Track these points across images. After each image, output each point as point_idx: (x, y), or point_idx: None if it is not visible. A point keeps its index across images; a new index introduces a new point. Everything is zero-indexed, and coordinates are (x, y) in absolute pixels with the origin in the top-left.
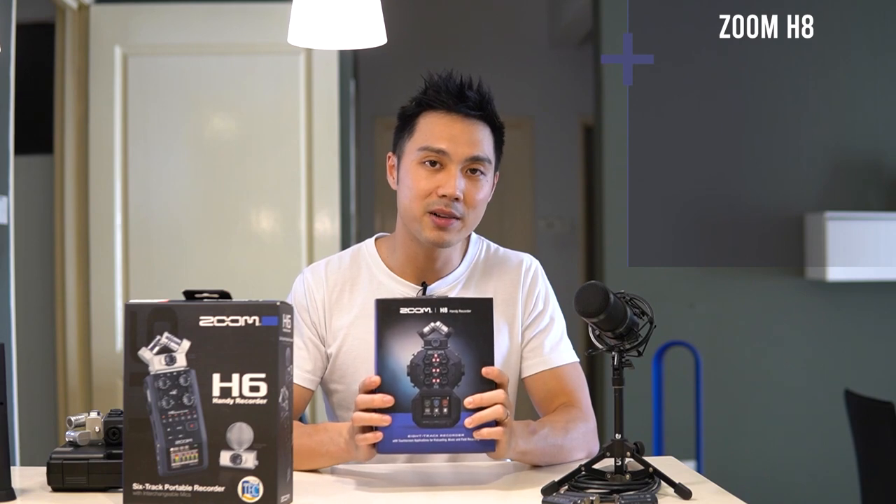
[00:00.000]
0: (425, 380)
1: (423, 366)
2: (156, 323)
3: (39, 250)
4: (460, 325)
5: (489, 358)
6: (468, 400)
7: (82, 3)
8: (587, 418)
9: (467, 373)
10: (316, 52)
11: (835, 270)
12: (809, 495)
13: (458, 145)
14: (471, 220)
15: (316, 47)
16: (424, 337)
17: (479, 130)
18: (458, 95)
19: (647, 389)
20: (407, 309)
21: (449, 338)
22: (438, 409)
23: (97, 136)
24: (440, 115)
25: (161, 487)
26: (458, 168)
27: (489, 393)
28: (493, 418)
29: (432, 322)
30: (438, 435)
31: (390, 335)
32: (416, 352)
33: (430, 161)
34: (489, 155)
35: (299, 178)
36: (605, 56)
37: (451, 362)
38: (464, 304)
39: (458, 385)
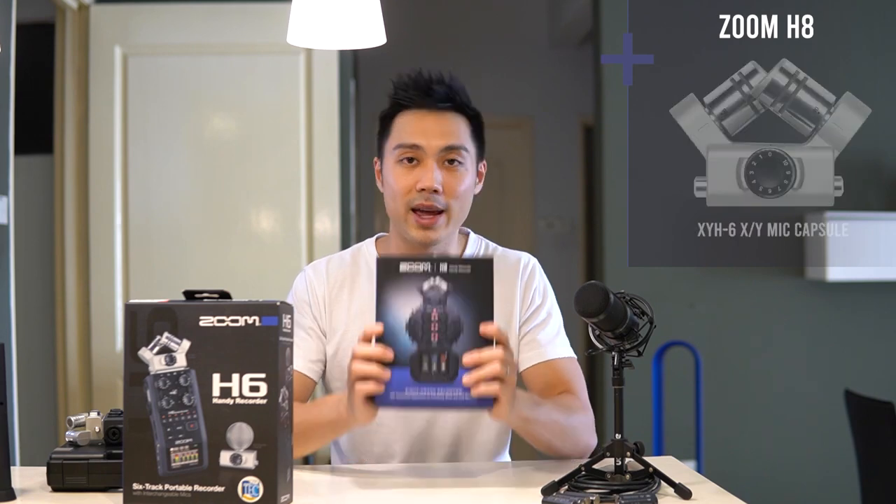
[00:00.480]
0: (424, 336)
1: (422, 322)
2: (156, 323)
3: (39, 250)
4: (460, 283)
5: (488, 316)
6: (466, 357)
7: (82, 3)
8: (587, 410)
9: (466, 330)
10: (316, 52)
11: (835, 270)
12: (809, 495)
13: (430, 138)
14: (456, 212)
15: (316, 47)
16: (424, 293)
17: (451, 121)
18: (426, 91)
19: (647, 389)
20: (407, 266)
21: (448, 295)
22: (437, 365)
23: (97, 136)
24: (412, 112)
25: (161, 487)
26: (434, 161)
27: (487, 350)
28: (490, 376)
29: (432, 279)
30: (436, 390)
31: (390, 292)
32: (416, 308)
33: (407, 158)
34: (465, 143)
35: (299, 178)
36: (605, 56)
37: (449, 319)
38: (464, 263)
39: (457, 342)
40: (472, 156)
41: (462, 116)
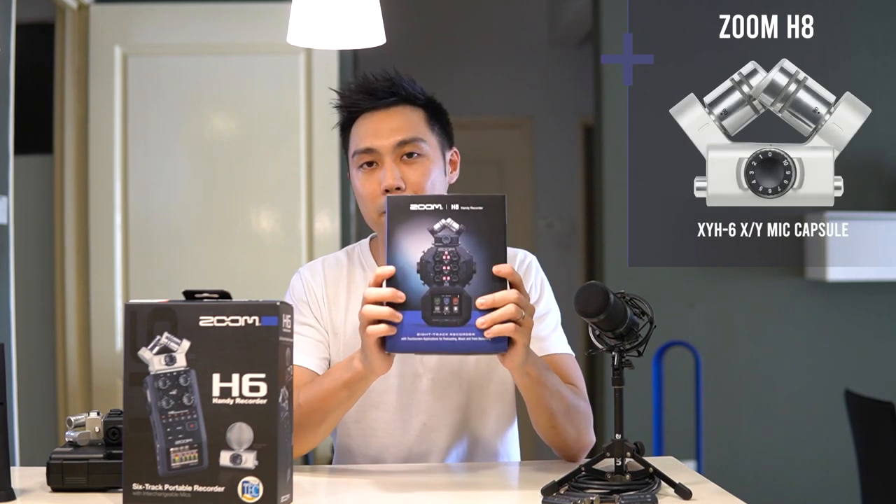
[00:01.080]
0: (435, 277)
1: (434, 263)
2: (156, 323)
3: (39, 250)
4: (472, 222)
5: (501, 256)
6: (480, 300)
7: (82, 3)
8: (588, 404)
9: (479, 271)
10: (316, 52)
11: (835, 270)
12: (809, 495)
13: (382, 137)
14: None
15: (316, 47)
16: (435, 234)
17: (399, 115)
18: (368, 92)
19: (647, 389)
20: (418, 205)
21: (460, 235)
22: (448, 308)
23: (97, 136)
24: (363, 117)
25: (161, 487)
26: (390, 159)
27: (502, 293)
28: (505, 318)
29: (443, 219)
30: (448, 334)
31: (400, 232)
32: (427, 249)
33: (366, 162)
34: (419, 135)
35: (299, 178)
36: (605, 56)
37: (461, 260)
38: (476, 201)
39: (470, 283)
40: (434, 145)
41: (413, 107)
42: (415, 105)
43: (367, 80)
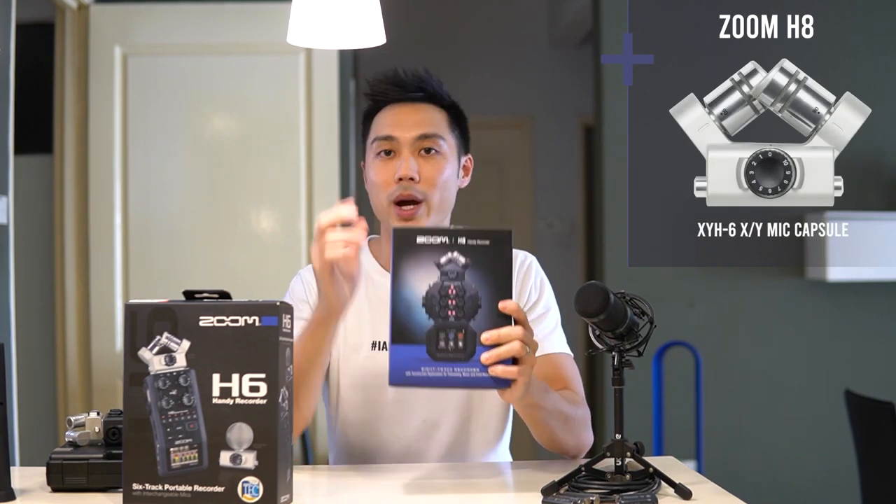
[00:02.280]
0: (441, 311)
1: (439, 297)
2: (156, 323)
3: (39, 250)
4: (478, 256)
5: (507, 291)
6: (485, 335)
7: (82, 3)
8: (585, 407)
9: (484, 306)
10: (316, 52)
11: (835, 270)
12: (809, 495)
13: (403, 129)
14: (436, 202)
15: (316, 47)
16: (441, 268)
17: (424, 111)
18: (398, 84)
19: (647, 389)
20: (424, 238)
21: (466, 269)
22: (453, 342)
23: (97, 136)
24: (388, 108)
25: (161, 487)
26: (409, 150)
27: (507, 328)
28: (510, 355)
29: (449, 252)
30: (453, 369)
31: (406, 265)
32: (432, 283)
33: (384, 150)
34: (440, 132)
35: (299, 178)
36: (605, 56)
37: (467, 294)
38: (482, 235)
39: (475, 318)
40: (452, 146)
41: (437, 107)
42: (440, 105)
43: (398, 74)
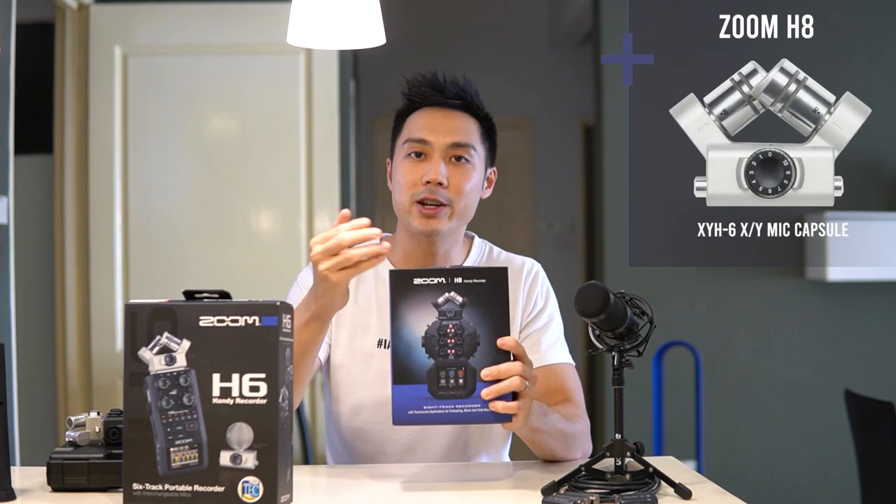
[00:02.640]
0: (440, 350)
1: (438, 336)
2: (156, 323)
3: (39, 250)
4: (475, 294)
5: (505, 328)
6: (485, 372)
7: (82, 3)
8: (585, 419)
9: (483, 343)
10: (316, 52)
11: (835, 270)
12: (809, 495)
13: (438, 134)
14: (460, 209)
15: (316, 47)
16: (439, 307)
17: (460, 119)
18: (438, 89)
19: (647, 389)
20: (421, 279)
21: (464, 308)
22: (454, 380)
23: (97, 136)
24: (424, 110)
25: (161, 487)
26: (440, 156)
27: (506, 364)
28: (509, 390)
29: (447, 292)
30: (454, 406)
31: (405, 306)
32: (431, 322)
33: (415, 152)
34: (472, 142)
35: (299, 178)
36: (605, 56)
37: (466, 332)
38: (479, 274)
39: (474, 356)
40: (481, 157)
41: (472, 118)
42: (475, 116)
43: (437, 77)
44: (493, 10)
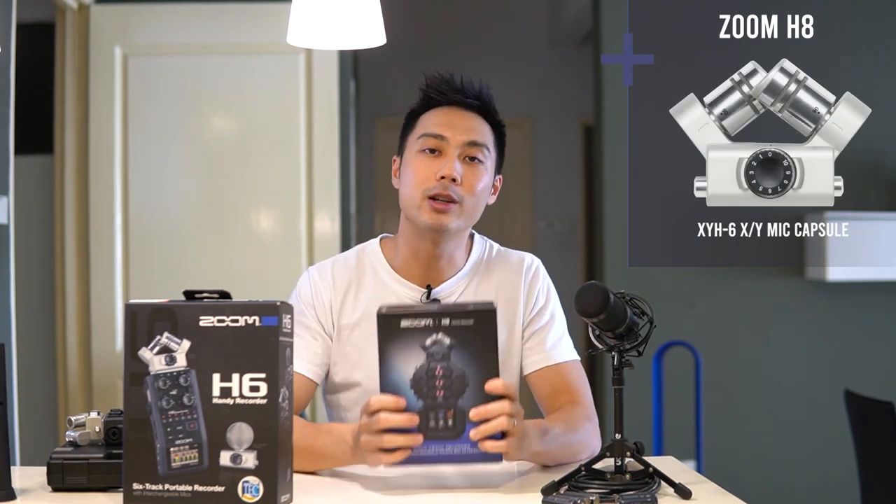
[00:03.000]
0: (429, 392)
1: (427, 378)
2: (156, 323)
3: (39, 250)
4: (463, 336)
5: (493, 369)
6: (473, 412)
7: (82, 3)
8: (591, 417)
9: (471, 384)
10: (316, 52)
11: (835, 270)
12: (809, 495)
13: (455, 131)
14: (469, 207)
15: (316, 47)
16: (427, 349)
17: (477, 120)
18: (456, 89)
19: (647, 389)
20: (408, 322)
21: (452, 350)
22: (443, 422)
23: (97, 136)
24: (440, 108)
25: (161, 487)
26: (455, 153)
27: (494, 404)
28: (497, 430)
29: (434, 334)
30: (444, 447)
31: (392, 349)
32: (419, 364)
33: (430, 148)
34: (487, 143)
35: (299, 178)
36: (605, 56)
37: (454, 374)
38: (466, 315)
39: (463, 397)
40: (492, 161)
41: (487, 122)
42: (490, 120)
43: (455, 78)
44: (493, 10)
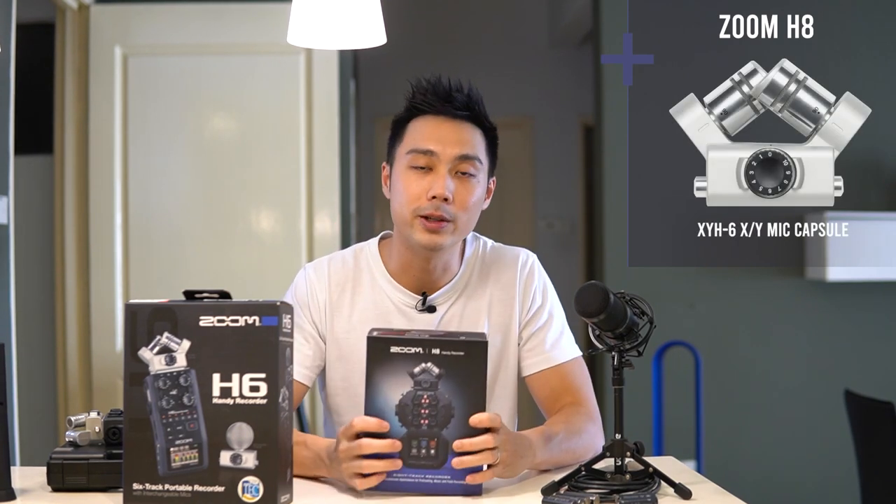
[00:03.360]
0: (413, 420)
1: (412, 406)
2: (156, 323)
3: (39, 250)
4: (452, 367)
5: (480, 402)
6: (457, 444)
7: (82, 3)
8: (594, 417)
9: (457, 415)
10: (316, 52)
11: (835, 270)
12: (809, 495)
13: (445, 145)
14: (462, 224)
15: (316, 47)
16: (415, 377)
17: (467, 130)
18: (445, 98)
19: (647, 389)
20: (398, 348)
21: (440, 379)
22: (426, 450)
23: (97, 136)
24: (428, 118)
25: (161, 487)
26: (446, 169)
27: (478, 438)
28: (479, 464)
29: (423, 363)
30: (424, 476)
31: (380, 373)
32: (406, 391)
33: (420, 164)
34: (479, 154)
35: (299, 178)
36: (605, 56)
37: (440, 404)
38: (457, 346)
39: (448, 427)
40: (485, 170)
41: (478, 129)
42: (481, 128)
43: (443, 85)
44: (493, 10)
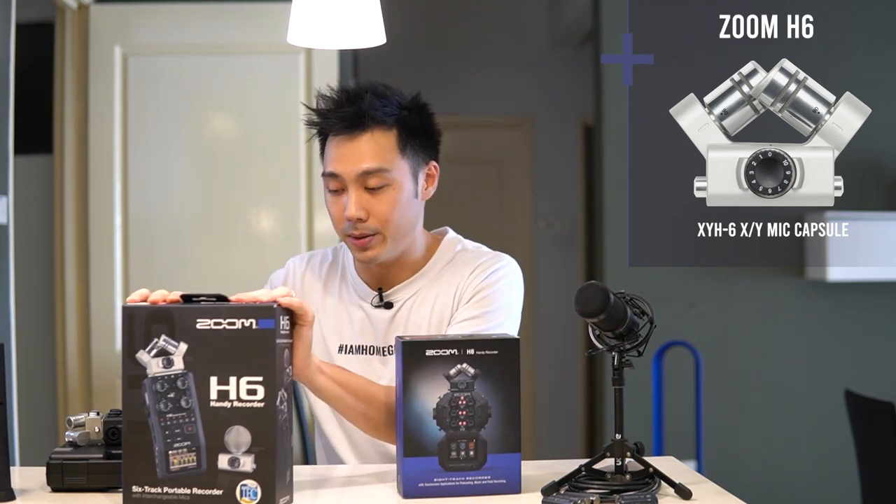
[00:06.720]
0: (451, 422)
1: (450, 408)
2: (153, 325)
3: (39, 250)
4: (487, 366)
5: (516, 399)
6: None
7: (82, 3)
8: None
9: (494, 414)
10: (316, 52)
11: (835, 270)
12: (809, 495)
13: (345, 165)
14: (392, 231)
15: (316, 47)
16: (451, 379)
17: (365, 142)
18: (335, 116)
19: (647, 389)
20: (433, 351)
21: (476, 379)
22: (465, 452)
23: (97, 136)
24: (331, 139)
25: (160, 490)
26: (354, 187)
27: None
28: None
29: (458, 364)
30: (465, 478)
31: (416, 378)
32: (443, 394)
33: (333, 188)
34: (384, 164)
35: (299, 178)
36: (605, 56)
37: (477, 404)
38: (490, 345)
39: (485, 427)
40: (404, 170)
41: (382, 130)
42: (386, 127)
43: (335, 101)
44: (493, 10)
